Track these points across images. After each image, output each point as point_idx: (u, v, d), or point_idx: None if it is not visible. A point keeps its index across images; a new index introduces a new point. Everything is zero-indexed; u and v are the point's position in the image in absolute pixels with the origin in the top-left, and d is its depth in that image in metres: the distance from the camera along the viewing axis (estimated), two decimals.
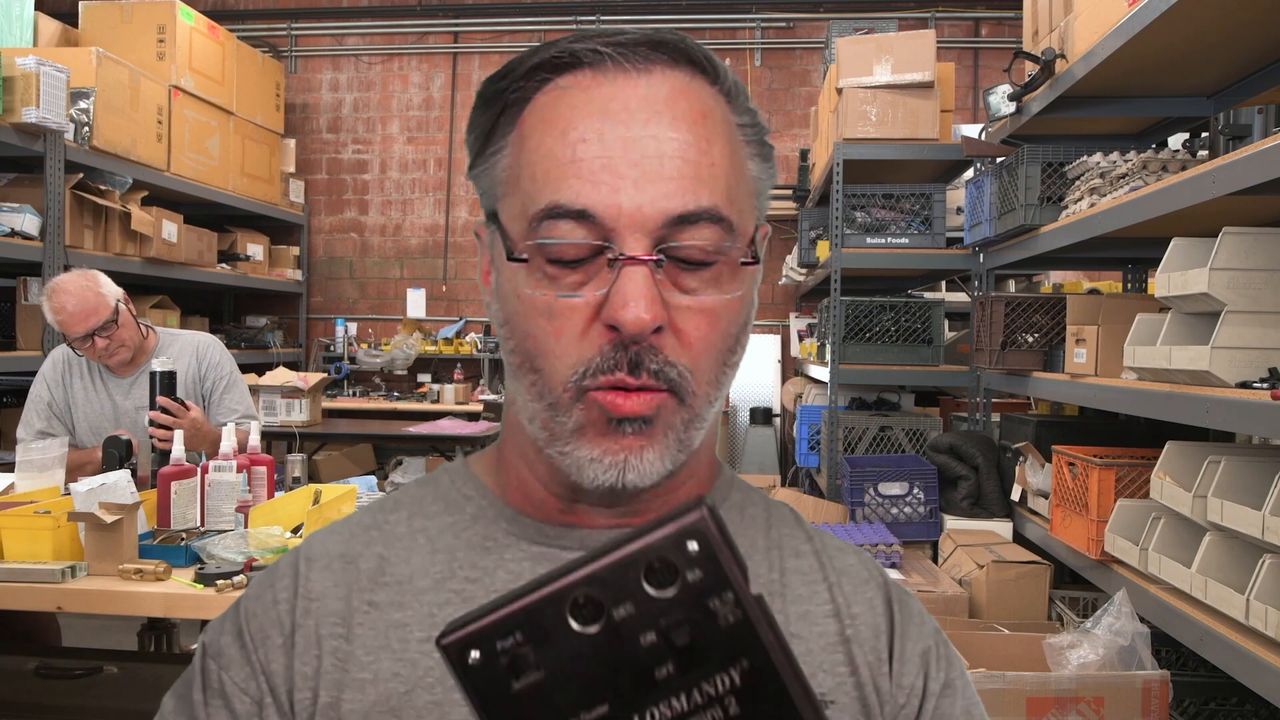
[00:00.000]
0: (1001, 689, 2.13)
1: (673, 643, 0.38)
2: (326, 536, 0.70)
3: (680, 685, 0.38)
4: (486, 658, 0.39)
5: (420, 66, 7.18)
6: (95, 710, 2.45)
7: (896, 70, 4.04)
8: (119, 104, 4.73)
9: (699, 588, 0.39)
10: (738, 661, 0.38)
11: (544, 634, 0.39)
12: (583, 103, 0.59)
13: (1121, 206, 2.40)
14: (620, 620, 0.38)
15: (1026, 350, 3.17)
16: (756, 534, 0.71)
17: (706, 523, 0.39)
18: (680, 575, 0.38)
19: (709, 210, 0.59)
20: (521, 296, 0.61)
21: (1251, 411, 1.80)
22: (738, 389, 6.70)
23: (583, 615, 0.39)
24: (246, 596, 0.68)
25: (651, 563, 0.39)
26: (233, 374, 3.07)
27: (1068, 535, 2.74)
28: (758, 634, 0.39)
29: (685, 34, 0.63)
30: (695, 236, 0.59)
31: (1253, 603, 1.82)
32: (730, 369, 0.64)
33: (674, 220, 0.58)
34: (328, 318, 7.21)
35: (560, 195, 0.58)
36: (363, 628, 0.64)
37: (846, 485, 3.75)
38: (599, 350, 0.58)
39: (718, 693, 0.38)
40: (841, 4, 6.61)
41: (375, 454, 6.47)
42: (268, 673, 0.64)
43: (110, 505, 2.06)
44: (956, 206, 4.32)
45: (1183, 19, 2.24)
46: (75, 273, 2.85)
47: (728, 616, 0.38)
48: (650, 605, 0.38)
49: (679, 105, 0.60)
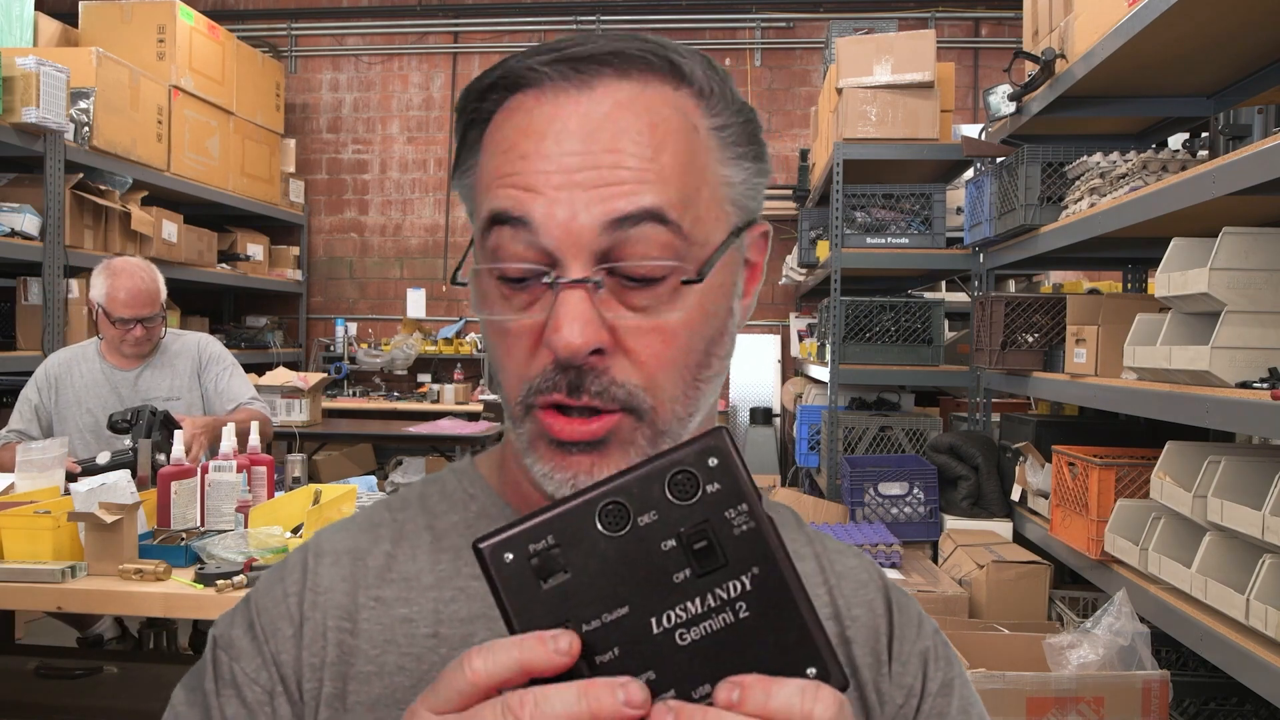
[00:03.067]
0: (1001, 689, 2.13)
1: (691, 547, 0.42)
2: (336, 532, 0.71)
3: (695, 589, 0.42)
4: (519, 560, 0.42)
5: (420, 66, 7.18)
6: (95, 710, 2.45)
7: (896, 70, 4.05)
8: (119, 104, 4.73)
9: (717, 498, 0.43)
10: (749, 568, 0.42)
11: (574, 537, 0.42)
12: (525, 124, 0.60)
13: (1121, 206, 2.40)
14: (644, 526, 0.42)
15: (1026, 350, 3.17)
16: None
17: (725, 442, 0.43)
18: (701, 486, 0.43)
19: (651, 210, 0.58)
20: (482, 315, 0.64)
21: (1251, 411, 1.80)
22: (737, 389, 6.70)
23: (610, 520, 0.42)
24: (257, 590, 0.69)
25: (675, 474, 0.43)
26: (233, 364, 3.14)
27: (1068, 535, 2.74)
28: (768, 543, 0.42)
29: (650, 37, 0.63)
30: (640, 241, 0.58)
31: (1253, 603, 1.82)
32: (704, 382, 0.63)
33: (613, 225, 0.58)
34: (328, 318, 7.21)
35: (500, 203, 0.60)
36: (369, 622, 0.65)
37: (846, 485, 3.75)
38: (541, 371, 0.60)
39: (729, 597, 0.42)
40: (841, 4, 6.61)
41: (375, 454, 6.47)
42: (278, 663, 0.65)
43: (110, 505, 2.06)
44: (956, 206, 4.32)
45: (1183, 19, 2.24)
46: (139, 260, 2.97)
47: (742, 526, 0.42)
48: (672, 512, 0.42)
49: (621, 119, 0.59)
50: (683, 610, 0.42)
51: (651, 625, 0.41)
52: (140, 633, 3.31)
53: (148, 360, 2.98)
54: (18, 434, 2.91)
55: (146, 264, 2.98)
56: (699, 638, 0.42)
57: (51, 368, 2.99)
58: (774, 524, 0.43)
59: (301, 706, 0.64)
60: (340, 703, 0.64)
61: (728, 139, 0.64)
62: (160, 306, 2.94)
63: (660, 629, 0.41)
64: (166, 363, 3.01)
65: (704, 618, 0.42)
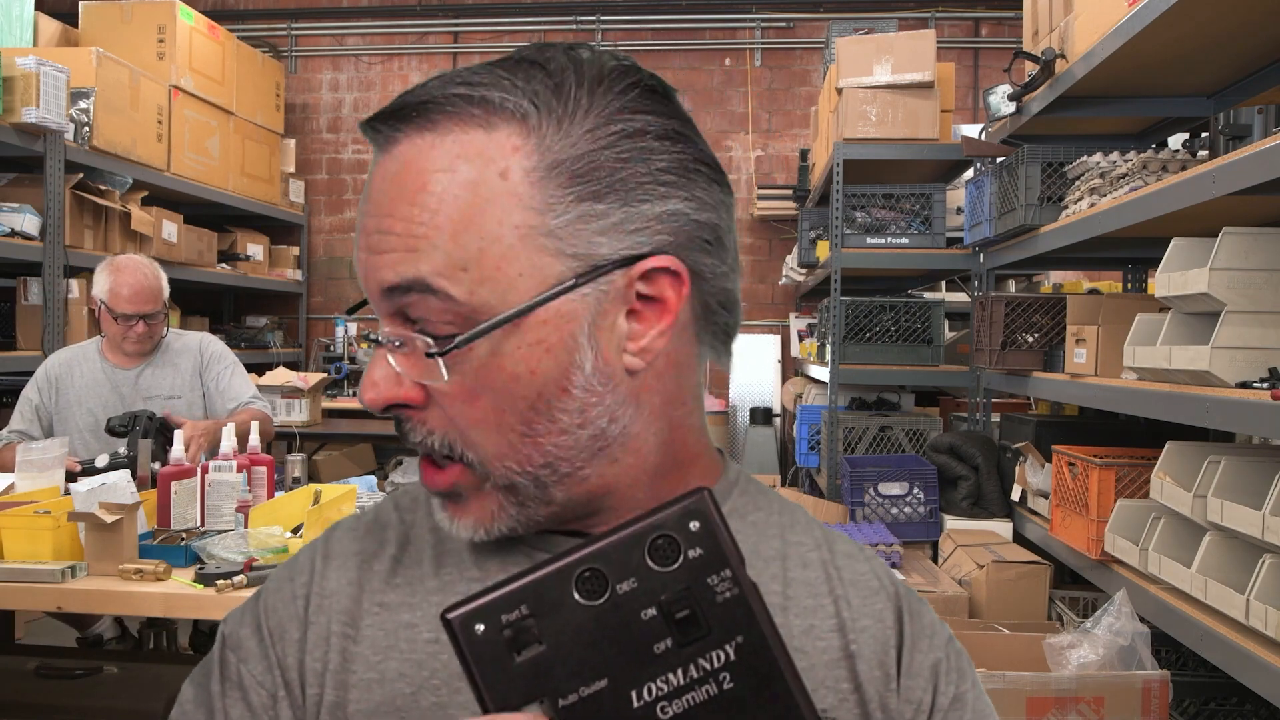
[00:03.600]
0: (1001, 689, 2.13)
1: (672, 616, 0.40)
2: (345, 534, 0.71)
3: (677, 660, 0.40)
4: (490, 630, 0.40)
5: (420, 66, 7.18)
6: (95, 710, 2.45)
7: (896, 70, 4.04)
8: (119, 104, 4.73)
9: (699, 563, 0.41)
10: (733, 637, 0.40)
11: (549, 607, 0.40)
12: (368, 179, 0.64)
13: (1121, 206, 2.40)
14: (623, 594, 0.40)
15: (1026, 350, 3.17)
16: (760, 542, 0.69)
17: (707, 504, 0.41)
18: (682, 551, 0.41)
19: (414, 280, 0.58)
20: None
21: (1251, 411, 1.80)
22: (737, 389, 6.70)
23: (587, 589, 0.40)
24: (267, 589, 0.69)
25: (655, 539, 0.41)
26: (235, 363, 3.15)
27: (1068, 535, 2.74)
28: (753, 611, 0.41)
29: (479, 71, 0.59)
30: (418, 306, 0.59)
31: (1253, 603, 1.82)
32: (545, 436, 0.59)
33: (387, 294, 0.60)
34: (328, 318, 7.21)
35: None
36: (371, 629, 0.65)
37: (846, 485, 3.75)
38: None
39: (713, 667, 0.40)
40: (841, 4, 6.61)
41: (375, 454, 6.46)
42: (283, 666, 0.65)
43: (110, 505, 2.06)
44: (956, 206, 4.32)
45: (1183, 19, 2.24)
46: (144, 258, 3.00)
47: (725, 593, 0.41)
48: (652, 579, 0.41)
49: (404, 180, 0.59)
50: (664, 682, 0.40)
51: (632, 699, 0.40)
52: (140, 633, 3.31)
53: (149, 359, 2.98)
54: (18, 434, 2.91)
55: (150, 261, 2.99)
56: (681, 711, 0.40)
57: (52, 368, 2.99)
58: (757, 590, 0.41)
59: (304, 711, 0.64)
60: (341, 711, 0.63)
61: (580, 171, 0.57)
62: (163, 304, 2.95)
63: (641, 702, 0.40)
64: (168, 361, 3.01)
65: (687, 689, 0.40)
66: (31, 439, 2.86)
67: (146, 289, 2.88)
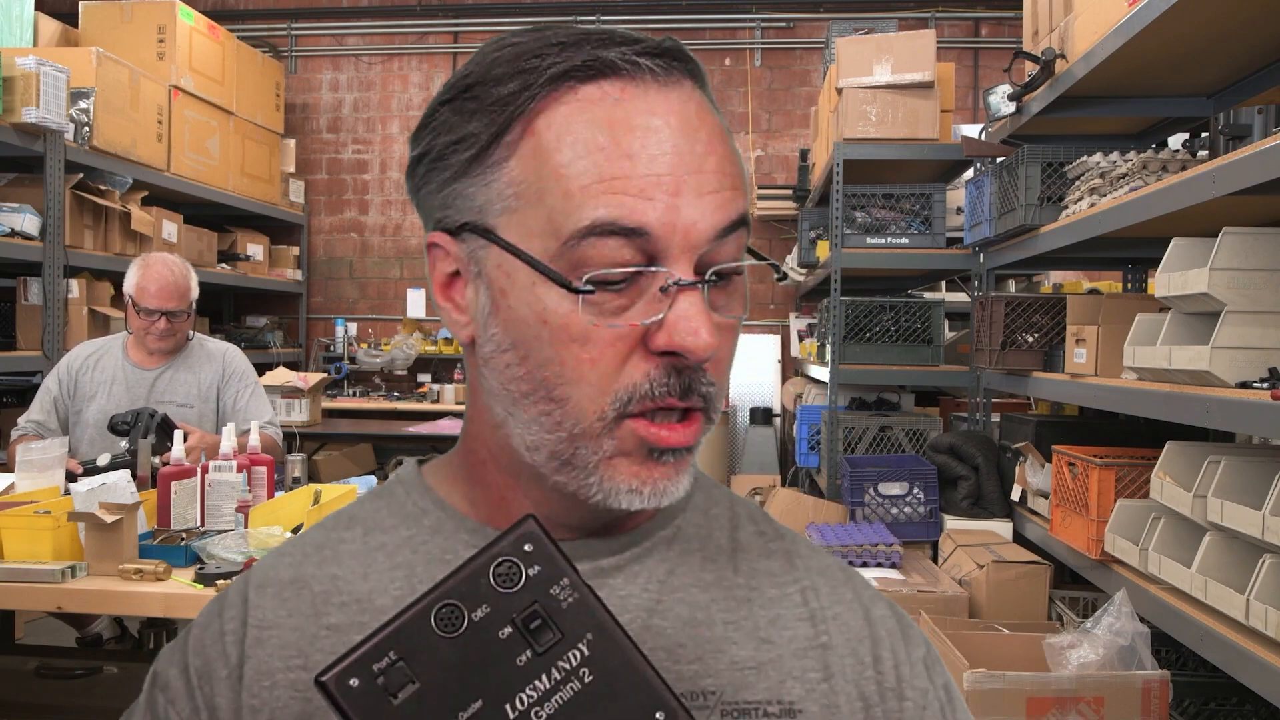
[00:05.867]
0: (1001, 689, 2.12)
1: (527, 628, 0.45)
2: (277, 560, 0.67)
3: (540, 667, 0.44)
4: (365, 683, 0.43)
5: (420, 66, 7.18)
6: (95, 710, 2.46)
7: (896, 70, 4.04)
8: (119, 104, 4.73)
9: (540, 578, 0.45)
10: (584, 634, 0.45)
11: (414, 647, 0.44)
12: (621, 116, 0.56)
13: (1121, 206, 2.40)
14: (480, 620, 0.45)
15: (1026, 350, 3.17)
16: (720, 534, 0.68)
17: (535, 527, 0.46)
18: (523, 572, 0.45)
19: (744, 216, 0.59)
20: (549, 323, 0.57)
21: (1251, 411, 1.79)
22: (737, 389, 6.70)
23: (446, 623, 0.44)
24: (196, 624, 0.66)
25: (498, 565, 0.45)
26: (256, 383, 3.12)
27: (1068, 535, 2.74)
28: (593, 609, 0.46)
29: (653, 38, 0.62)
30: (730, 247, 0.59)
31: (1253, 603, 1.82)
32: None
33: (723, 232, 0.57)
34: (328, 318, 7.21)
35: (609, 212, 0.55)
36: (323, 654, 0.61)
37: (846, 485, 3.75)
38: (646, 377, 0.57)
39: (572, 665, 0.45)
40: (841, 4, 6.61)
41: (375, 454, 6.46)
42: (212, 706, 0.62)
43: (110, 505, 2.06)
44: (956, 206, 4.32)
45: (1182, 19, 2.24)
46: (175, 258, 2.99)
47: (568, 598, 0.45)
48: (502, 602, 0.45)
49: (706, 118, 0.59)
50: (533, 690, 0.44)
51: (508, 711, 0.43)
52: (140, 633, 3.31)
53: (170, 361, 2.97)
54: (35, 424, 2.92)
55: (181, 261, 2.99)
56: (553, 711, 0.43)
57: (74, 360, 2.99)
58: (593, 590, 0.46)
59: None
60: None
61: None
62: (189, 303, 2.94)
63: (516, 712, 0.43)
64: (189, 367, 3.00)
65: (554, 691, 0.44)
66: (48, 430, 2.88)
67: (172, 285, 2.88)
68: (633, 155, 0.55)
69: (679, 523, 0.67)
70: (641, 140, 0.56)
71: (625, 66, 0.57)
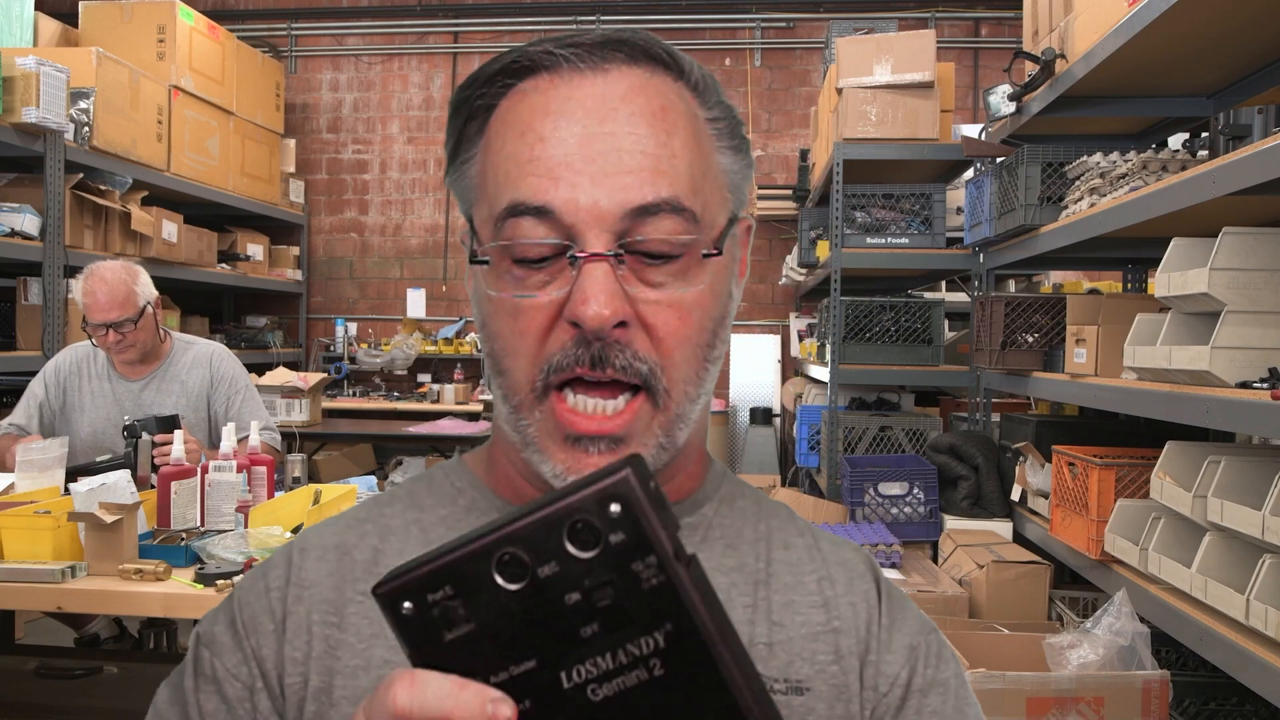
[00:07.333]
0: (1001, 689, 2.13)
1: (595, 605, 0.38)
2: (322, 529, 0.71)
3: (605, 645, 0.39)
4: (418, 608, 0.40)
5: (420, 66, 7.18)
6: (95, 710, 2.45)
7: (896, 70, 4.04)
8: (119, 104, 4.73)
9: (621, 550, 0.38)
10: (661, 625, 0.38)
11: (472, 588, 0.39)
12: (540, 104, 0.60)
13: (1121, 206, 2.40)
14: (545, 578, 0.39)
15: (1026, 350, 3.17)
16: (744, 525, 0.72)
17: (630, 484, 0.38)
18: (603, 537, 0.38)
19: (669, 201, 0.60)
20: (488, 298, 0.62)
21: (1251, 411, 1.80)
22: (737, 389, 6.70)
23: (508, 572, 0.39)
24: (240, 586, 0.70)
25: (574, 524, 0.38)
26: (247, 386, 3.02)
27: (1068, 535, 2.74)
28: (681, 598, 0.38)
29: (648, 32, 0.64)
30: (657, 229, 0.60)
31: (1253, 603, 1.82)
32: (710, 364, 0.64)
33: (634, 213, 0.59)
34: (328, 318, 7.21)
35: (520, 193, 0.59)
36: (356, 616, 0.66)
37: (846, 485, 3.75)
38: (560, 348, 0.59)
39: (642, 654, 0.38)
40: (841, 4, 6.61)
41: (375, 454, 6.46)
42: (259, 658, 0.65)
43: (110, 505, 2.06)
44: (956, 206, 4.32)
45: (1182, 19, 2.24)
46: (119, 263, 2.85)
47: (651, 580, 0.38)
48: (574, 565, 0.39)
49: (636, 100, 0.61)
50: (594, 665, 0.39)
51: (562, 679, 0.39)
52: (140, 633, 3.31)
53: (154, 371, 2.90)
54: (17, 429, 2.86)
55: (122, 267, 2.81)
56: (612, 694, 0.39)
57: (63, 366, 2.92)
58: (695, 571, 0.39)
59: (282, 702, 0.64)
60: (327, 696, 0.64)
61: (722, 130, 0.66)
62: (135, 310, 2.75)
63: (571, 683, 0.39)
64: (175, 376, 2.92)
65: (616, 674, 0.39)
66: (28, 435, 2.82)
67: (115, 298, 2.71)
68: (545, 139, 0.59)
69: (705, 511, 0.71)
70: (554, 124, 0.60)
71: (546, 60, 0.61)
